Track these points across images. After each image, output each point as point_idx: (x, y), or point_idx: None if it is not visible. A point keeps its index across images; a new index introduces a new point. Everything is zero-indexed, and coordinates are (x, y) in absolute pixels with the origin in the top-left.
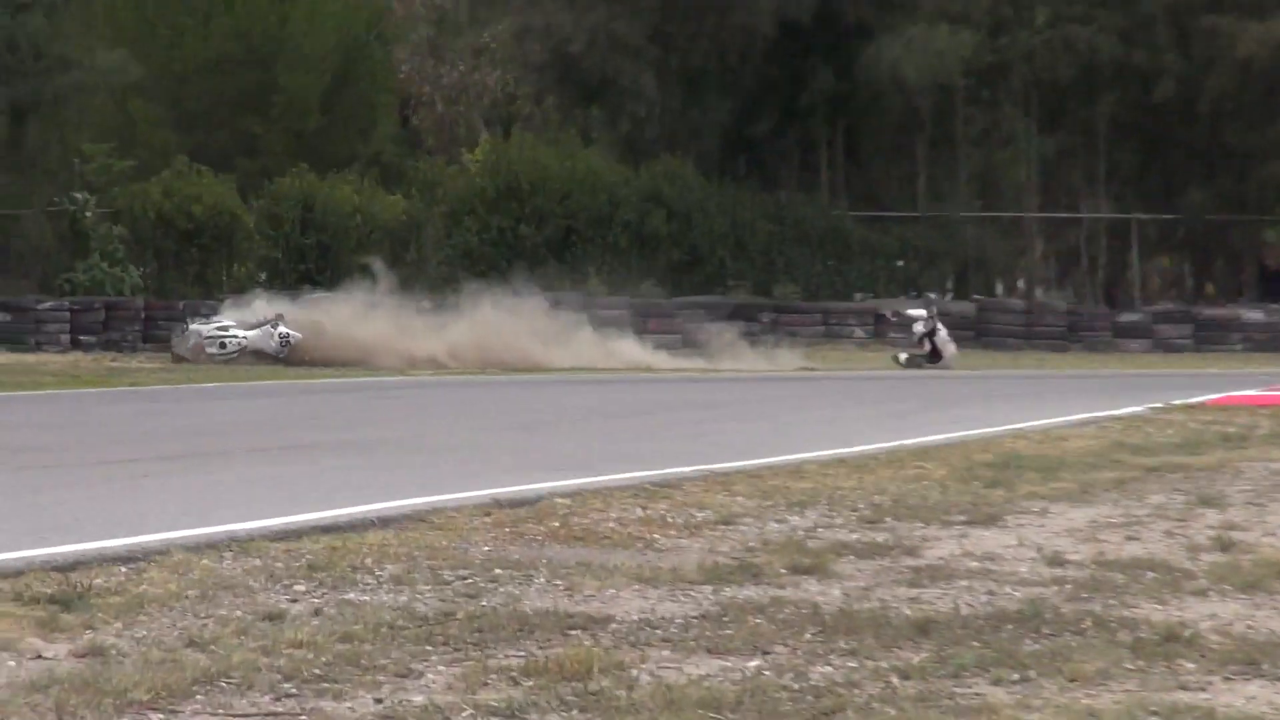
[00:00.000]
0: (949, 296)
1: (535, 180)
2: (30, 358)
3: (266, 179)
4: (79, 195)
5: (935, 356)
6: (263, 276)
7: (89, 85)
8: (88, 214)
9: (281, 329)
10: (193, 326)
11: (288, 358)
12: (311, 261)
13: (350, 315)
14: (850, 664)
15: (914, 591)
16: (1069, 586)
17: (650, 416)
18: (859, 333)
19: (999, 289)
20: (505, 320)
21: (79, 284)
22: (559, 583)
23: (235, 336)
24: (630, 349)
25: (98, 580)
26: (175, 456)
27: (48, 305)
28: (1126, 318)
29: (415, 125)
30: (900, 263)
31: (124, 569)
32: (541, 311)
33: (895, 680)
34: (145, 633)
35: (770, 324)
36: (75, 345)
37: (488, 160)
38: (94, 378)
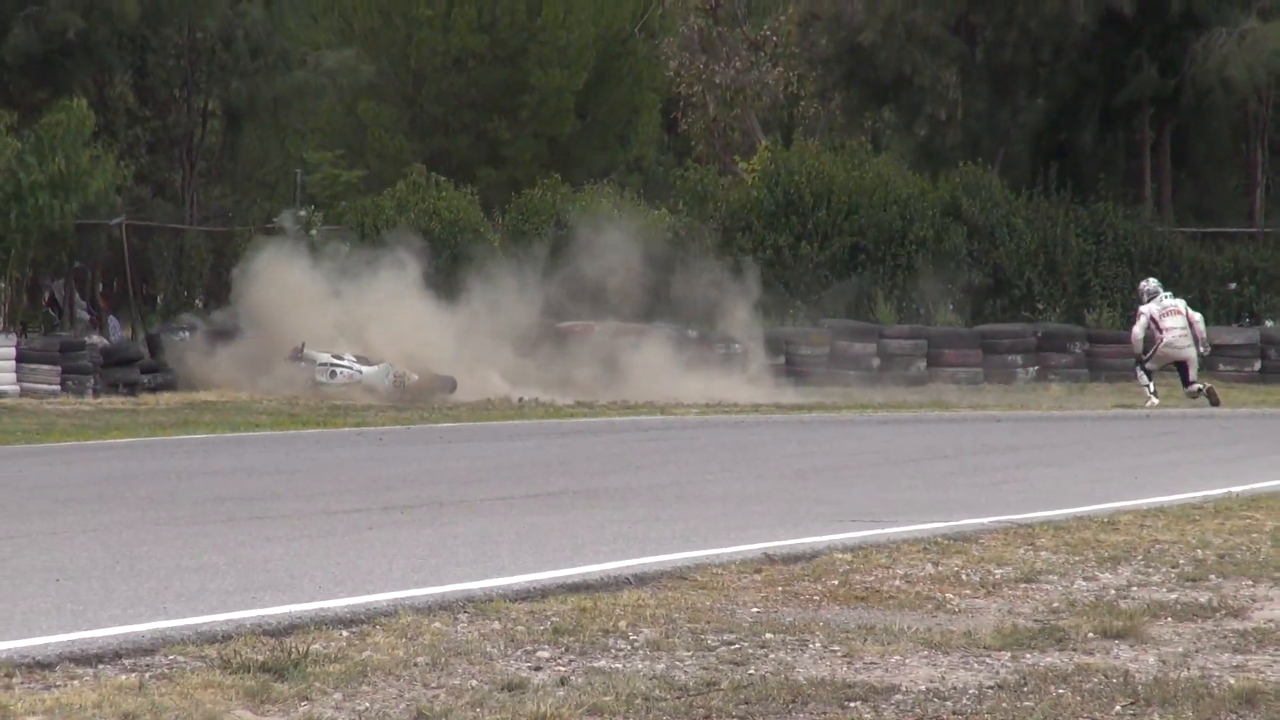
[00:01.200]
0: None
1: (819, 192)
2: (243, 395)
3: (514, 191)
4: (302, 211)
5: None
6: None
7: (314, 86)
8: (312, 231)
9: (399, 368)
10: (308, 351)
11: (400, 398)
12: (564, 283)
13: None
14: None
15: (1239, 659)
16: None
17: (943, 461)
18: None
19: None
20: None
21: None
22: (837, 648)
23: (350, 368)
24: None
25: (315, 645)
26: (405, 506)
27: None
28: None
29: (683, 130)
30: (1233, 285)
31: (345, 633)
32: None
33: None
34: (368, 705)
35: (1083, 355)
36: None
37: (765, 169)
38: (313, 417)
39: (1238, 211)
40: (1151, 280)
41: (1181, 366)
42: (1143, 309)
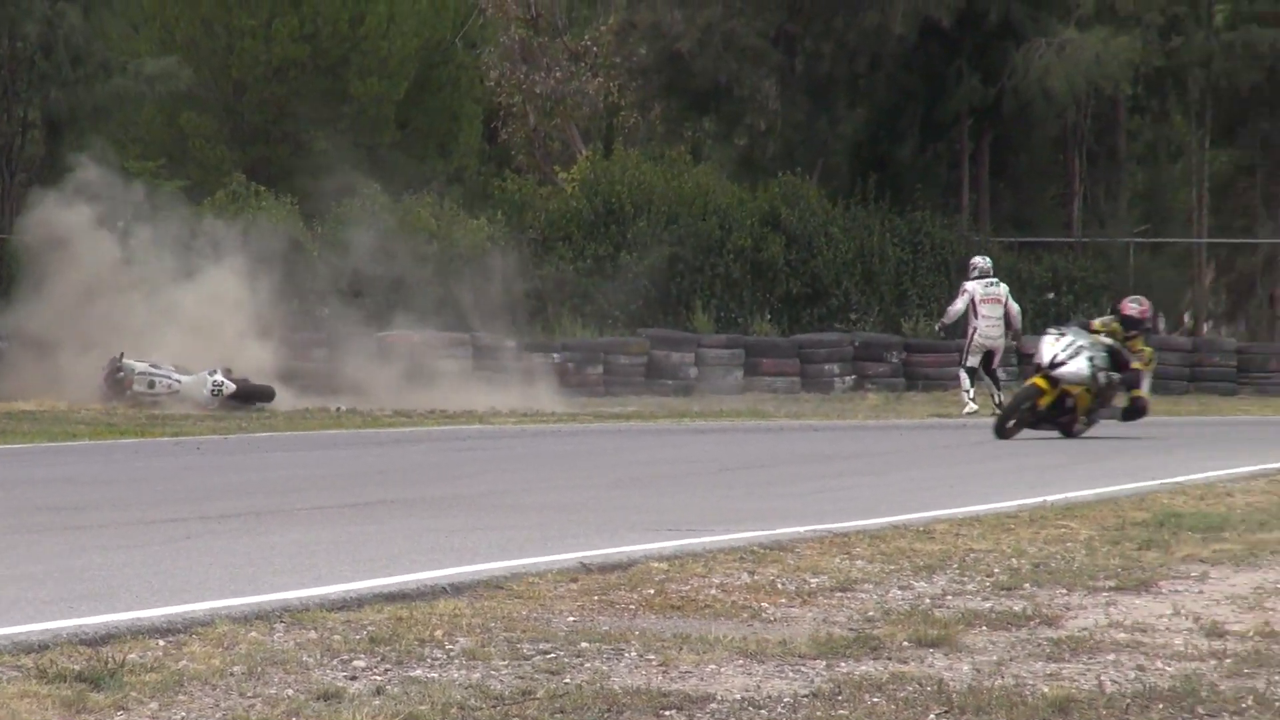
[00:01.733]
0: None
1: (639, 201)
2: (62, 405)
3: (334, 201)
4: (120, 223)
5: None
6: (325, 312)
7: (134, 95)
8: (133, 240)
9: (218, 378)
10: (126, 361)
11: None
12: (380, 293)
13: None
14: None
15: (1053, 667)
16: (1229, 661)
17: (760, 470)
18: (1001, 374)
19: (1162, 324)
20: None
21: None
22: (653, 657)
23: (168, 378)
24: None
25: (132, 655)
26: (223, 516)
27: None
28: None
29: (504, 140)
30: (1052, 295)
31: (162, 642)
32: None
33: None
34: (184, 714)
35: (900, 364)
36: None
37: (585, 179)
38: (132, 427)
39: (1055, 221)
40: (986, 259)
41: (989, 356)
42: (968, 286)
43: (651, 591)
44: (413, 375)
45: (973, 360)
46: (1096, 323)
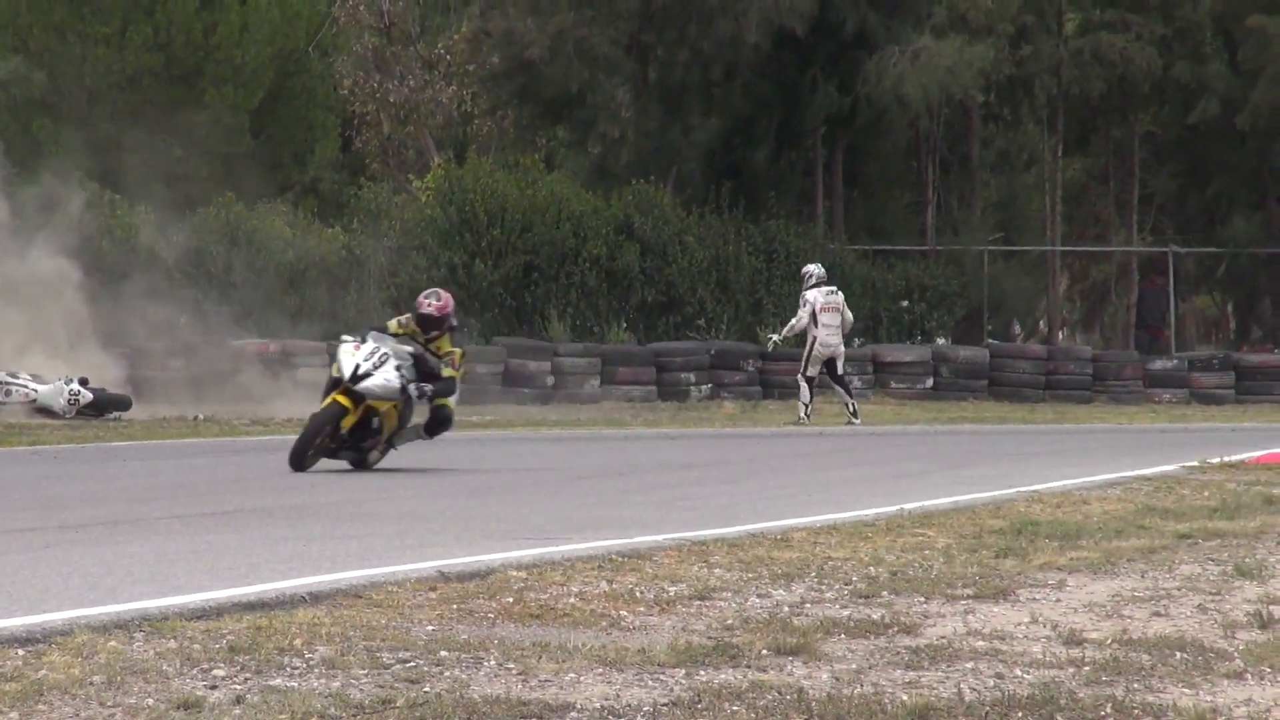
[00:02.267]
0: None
1: (493, 210)
2: None
3: (188, 209)
4: None
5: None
6: (182, 319)
7: None
8: None
9: (74, 387)
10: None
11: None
12: (237, 301)
13: None
14: None
15: (912, 674)
16: (1088, 668)
17: (619, 479)
18: (857, 383)
19: (1016, 332)
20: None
21: None
22: (512, 666)
23: (25, 386)
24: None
25: None
26: (81, 525)
27: None
28: (1159, 365)
29: (358, 148)
30: (906, 303)
31: (21, 652)
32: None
33: None
34: None
35: (756, 373)
36: None
37: (439, 187)
38: None
39: (910, 229)
40: (819, 266)
41: (830, 363)
42: (808, 295)
43: (510, 600)
44: (270, 384)
45: (813, 370)
46: (393, 324)
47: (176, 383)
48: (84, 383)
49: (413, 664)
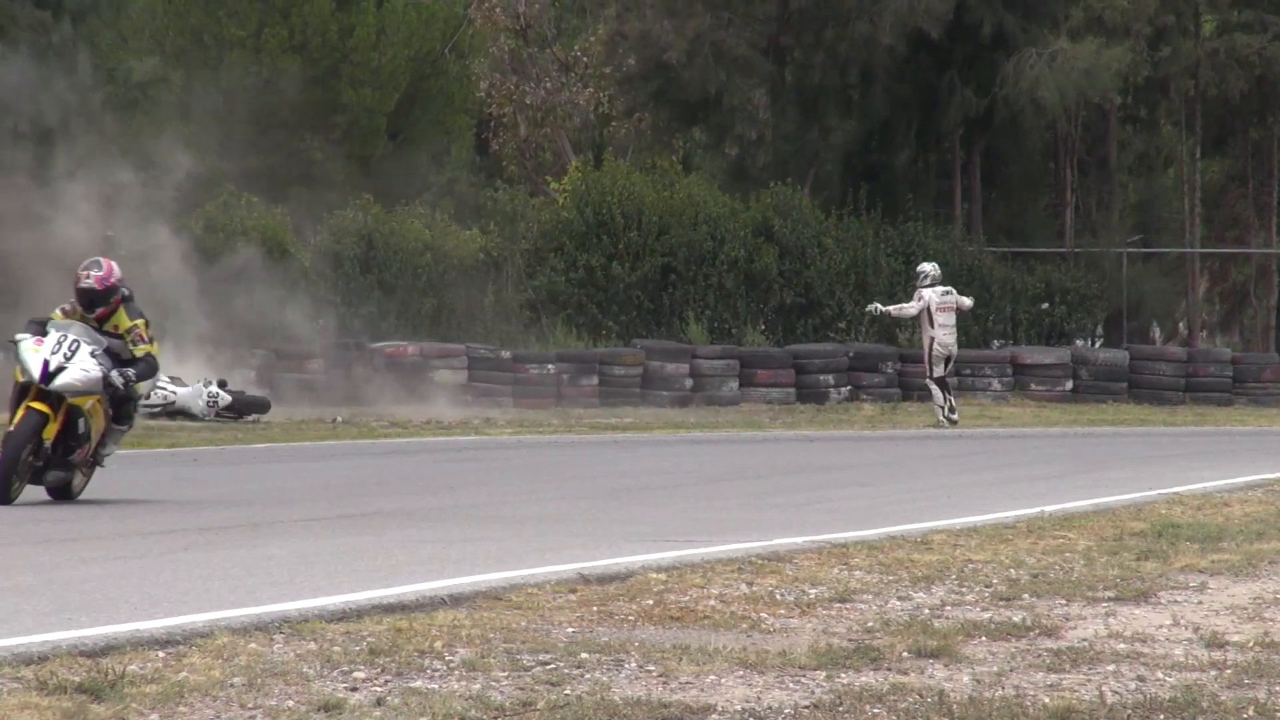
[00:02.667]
0: (1099, 343)
1: (630, 212)
2: None
3: (326, 212)
4: (110, 233)
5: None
6: (320, 322)
7: (118, 100)
8: (121, 251)
9: (213, 389)
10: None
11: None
12: (374, 304)
13: None
14: None
15: (1053, 677)
16: (1230, 671)
17: (758, 481)
18: (996, 385)
19: (1156, 335)
20: None
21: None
22: (652, 668)
23: (163, 389)
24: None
25: (132, 666)
26: (221, 528)
27: None
28: None
29: (494, 150)
30: (1046, 305)
31: (162, 654)
32: None
33: None
34: None
35: (895, 375)
36: None
37: (576, 190)
38: (126, 439)
39: (1048, 231)
40: (935, 265)
41: (945, 363)
42: (925, 293)
43: (650, 602)
44: (408, 387)
45: (938, 370)
46: (57, 313)
47: (315, 385)
48: (223, 385)
49: (553, 666)
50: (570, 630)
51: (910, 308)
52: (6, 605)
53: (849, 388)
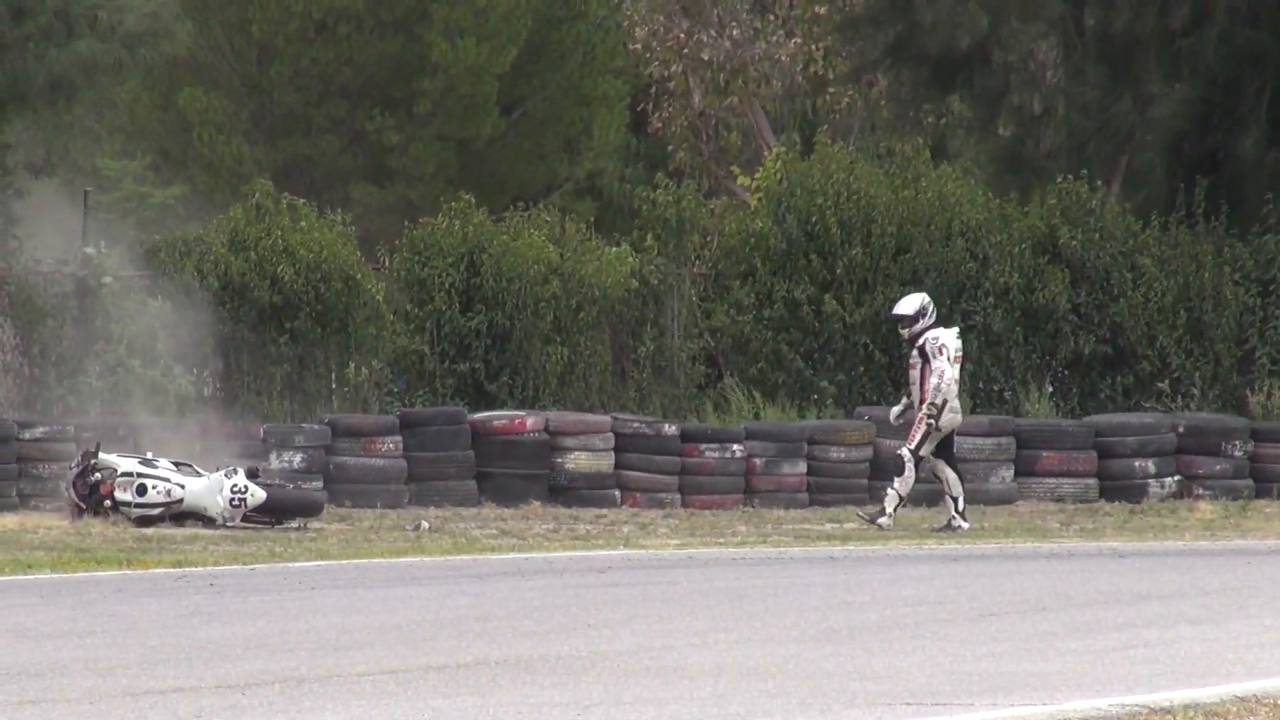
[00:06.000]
0: None
1: (853, 220)
2: (10, 520)
3: (407, 220)
4: (90, 249)
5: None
6: (396, 378)
7: (110, 61)
8: (106, 279)
9: (238, 480)
10: (104, 457)
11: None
12: (478, 356)
13: None
14: None
15: None
16: None
17: (1040, 615)
18: None
19: None
20: None
21: (92, 391)
22: None
23: (166, 481)
24: None
25: None
26: (249, 685)
27: (39, 433)
28: None
29: (656, 130)
30: None
31: None
32: None
33: None
34: None
35: (1245, 459)
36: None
37: (774, 187)
38: (113, 553)
39: None
40: (924, 294)
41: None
42: (941, 337)
43: None
44: (527, 475)
45: (928, 448)
46: None
47: (389, 474)
48: (253, 474)
49: None
50: None
51: (949, 369)
52: None
53: (1177, 478)
